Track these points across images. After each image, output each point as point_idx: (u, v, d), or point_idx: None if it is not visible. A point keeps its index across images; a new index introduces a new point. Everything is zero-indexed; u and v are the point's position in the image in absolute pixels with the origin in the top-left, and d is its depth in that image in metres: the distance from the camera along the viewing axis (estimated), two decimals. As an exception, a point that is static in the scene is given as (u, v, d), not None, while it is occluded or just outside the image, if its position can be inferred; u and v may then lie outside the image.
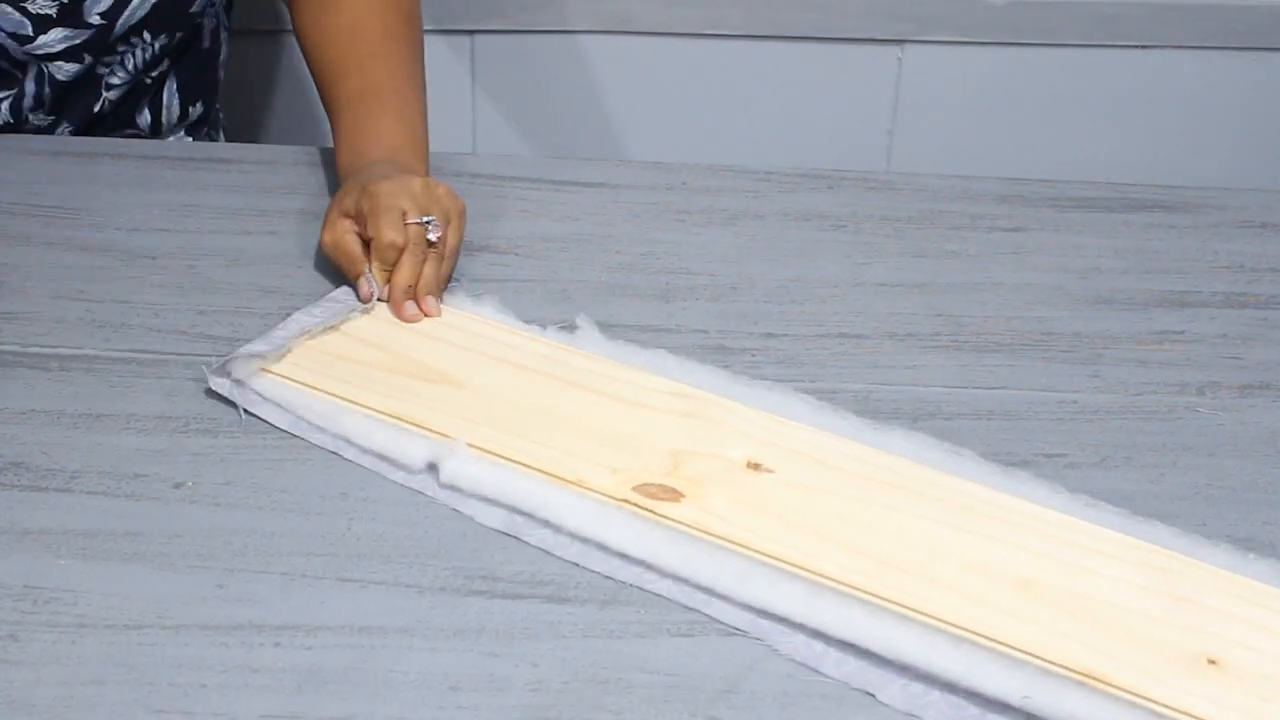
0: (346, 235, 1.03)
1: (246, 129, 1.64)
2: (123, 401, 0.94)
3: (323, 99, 1.19)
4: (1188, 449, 0.94)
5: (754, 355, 1.00)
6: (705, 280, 1.08)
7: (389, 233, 1.01)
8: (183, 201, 1.12)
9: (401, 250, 1.01)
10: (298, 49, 1.23)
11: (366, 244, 1.03)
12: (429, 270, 1.02)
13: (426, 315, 1.00)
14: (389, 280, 1.01)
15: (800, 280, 1.08)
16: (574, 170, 1.22)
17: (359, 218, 1.03)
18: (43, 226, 1.07)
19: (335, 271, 1.05)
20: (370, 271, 1.02)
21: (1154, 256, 1.12)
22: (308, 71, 1.21)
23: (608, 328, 1.01)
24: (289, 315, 1.00)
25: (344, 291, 1.03)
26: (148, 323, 1.01)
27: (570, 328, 1.00)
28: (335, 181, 1.17)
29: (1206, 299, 1.08)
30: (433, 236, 1.02)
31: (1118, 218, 1.16)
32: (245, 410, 0.92)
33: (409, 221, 1.01)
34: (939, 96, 1.66)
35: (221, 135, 1.39)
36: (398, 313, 1.00)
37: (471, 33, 1.63)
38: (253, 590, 0.82)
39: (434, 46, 1.62)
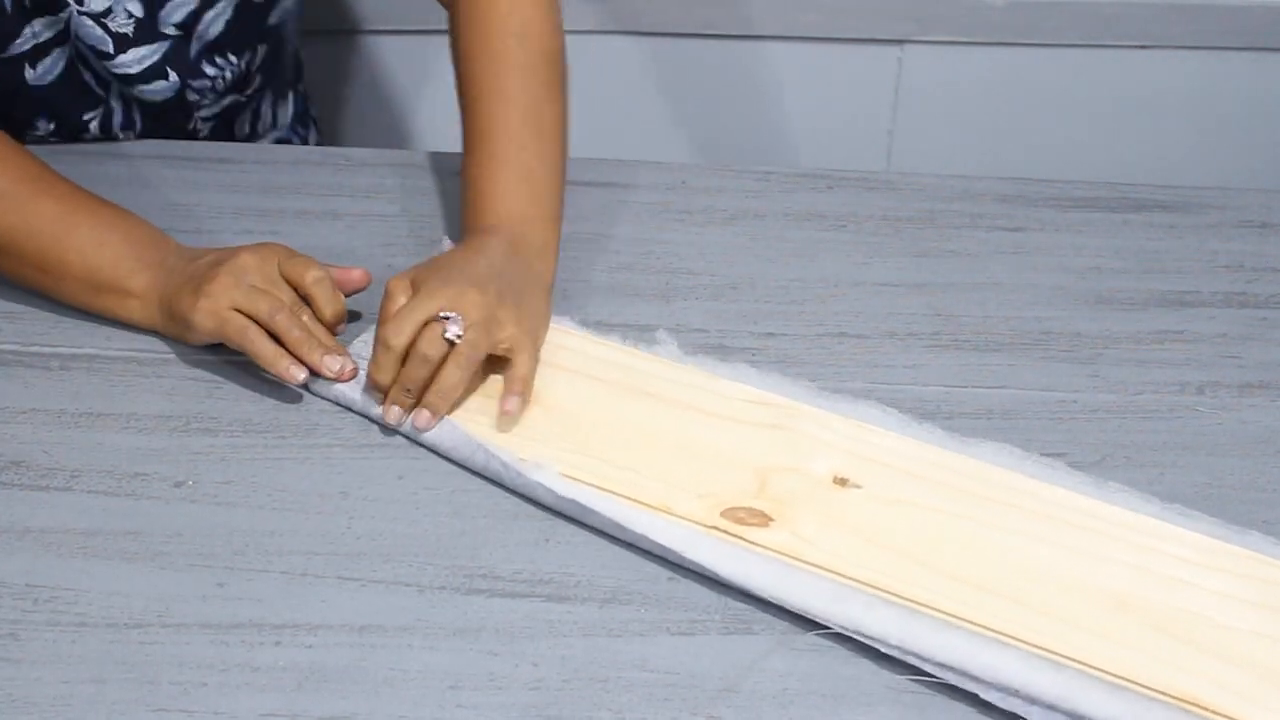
0: (396, 295, 0.94)
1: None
2: (123, 401, 0.94)
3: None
4: (1188, 448, 0.94)
5: (754, 355, 1.00)
6: (705, 280, 1.08)
7: (388, 332, 0.91)
8: (183, 201, 1.12)
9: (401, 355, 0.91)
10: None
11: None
12: (435, 382, 0.91)
13: (417, 428, 0.91)
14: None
15: (800, 280, 1.08)
16: (574, 170, 1.21)
17: (414, 285, 0.94)
18: (43, 226, 1.07)
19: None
20: (372, 341, 0.93)
21: (1154, 256, 1.12)
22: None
23: (609, 327, 1.01)
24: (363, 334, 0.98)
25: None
26: (148, 322, 1.01)
27: (649, 341, 0.99)
28: (335, 182, 1.17)
29: (1206, 299, 1.08)
30: (450, 334, 0.90)
31: (1118, 218, 1.16)
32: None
33: (428, 318, 0.90)
34: (939, 96, 1.65)
35: (314, 129, 1.36)
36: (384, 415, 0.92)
37: (472, 33, 1.62)
38: (253, 589, 0.82)
39: (434, 47, 1.62)
